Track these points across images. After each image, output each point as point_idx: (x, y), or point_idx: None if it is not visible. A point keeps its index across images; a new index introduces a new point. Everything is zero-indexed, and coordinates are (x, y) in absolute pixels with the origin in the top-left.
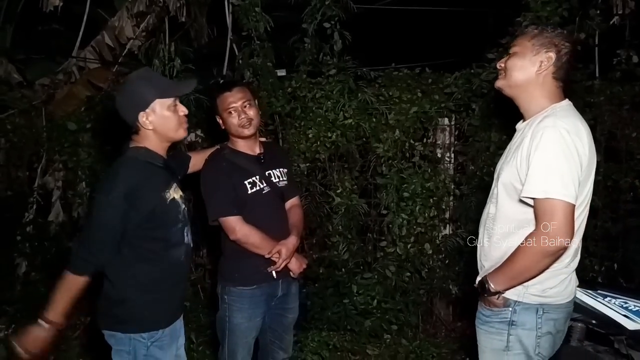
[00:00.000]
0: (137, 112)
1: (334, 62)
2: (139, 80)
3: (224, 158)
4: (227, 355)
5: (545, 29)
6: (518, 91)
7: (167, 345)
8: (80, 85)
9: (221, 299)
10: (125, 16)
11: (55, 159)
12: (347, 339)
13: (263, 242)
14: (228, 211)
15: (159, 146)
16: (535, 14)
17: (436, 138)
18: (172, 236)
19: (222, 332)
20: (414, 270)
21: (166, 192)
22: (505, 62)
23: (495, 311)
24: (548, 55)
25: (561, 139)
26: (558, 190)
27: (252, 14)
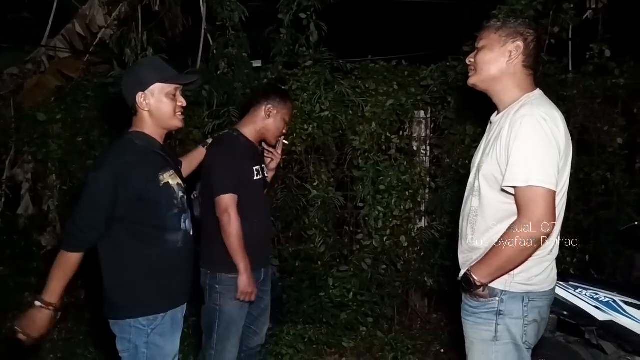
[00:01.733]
0: (136, 92)
1: (310, 54)
2: (146, 64)
3: (238, 141)
4: (215, 344)
5: (507, 20)
6: (492, 84)
7: (168, 332)
8: (50, 75)
9: (210, 289)
10: (97, 4)
11: (24, 151)
12: (322, 332)
13: (238, 239)
14: (231, 189)
15: (155, 132)
16: (511, 7)
17: (412, 131)
18: (168, 221)
19: (211, 322)
20: (390, 263)
21: (160, 175)
22: (475, 57)
23: (482, 302)
24: (516, 45)
25: (539, 126)
26: (539, 178)
27: (227, 4)
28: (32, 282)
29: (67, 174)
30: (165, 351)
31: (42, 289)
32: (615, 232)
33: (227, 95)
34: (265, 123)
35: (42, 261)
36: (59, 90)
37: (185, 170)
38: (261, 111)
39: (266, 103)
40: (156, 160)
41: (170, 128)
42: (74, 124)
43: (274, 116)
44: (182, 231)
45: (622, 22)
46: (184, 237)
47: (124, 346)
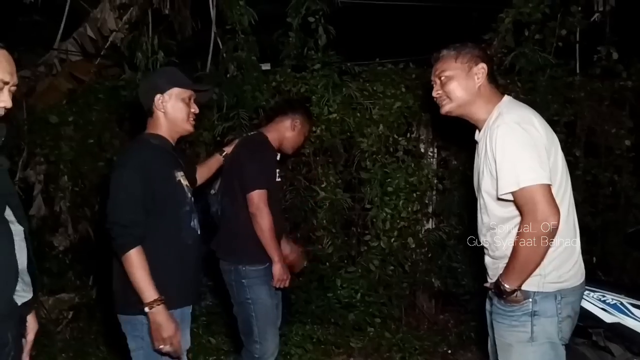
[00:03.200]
0: (154, 95)
1: (318, 57)
2: (164, 72)
3: (268, 143)
4: (258, 337)
5: (458, 47)
6: (467, 107)
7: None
8: (61, 78)
9: (238, 285)
10: (108, 8)
11: (36, 153)
12: (330, 332)
13: (271, 232)
14: (263, 185)
15: (168, 135)
16: (518, 10)
17: (420, 133)
18: (180, 218)
19: (248, 317)
20: (397, 264)
21: (174, 172)
22: (442, 88)
23: (517, 305)
24: (480, 67)
25: (512, 131)
26: (528, 177)
27: (236, 7)
28: (45, 282)
29: (78, 175)
30: None
31: (58, 289)
32: (623, 234)
33: (236, 98)
34: (288, 134)
35: (54, 261)
36: (71, 92)
37: (203, 176)
38: (287, 122)
39: (293, 116)
40: (170, 158)
41: (182, 132)
42: (86, 126)
43: (298, 130)
44: (191, 229)
45: (629, 24)
46: (193, 236)
47: (137, 344)
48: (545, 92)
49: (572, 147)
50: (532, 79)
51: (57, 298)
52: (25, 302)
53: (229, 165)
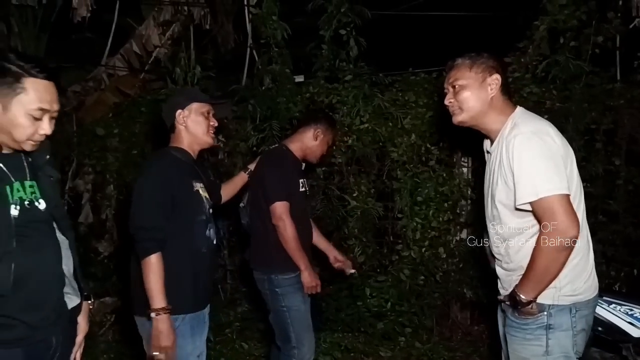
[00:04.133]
0: (176, 110)
1: (350, 68)
2: (184, 91)
3: (290, 155)
4: (295, 343)
5: (474, 56)
6: (479, 118)
7: (188, 333)
8: (108, 92)
9: (272, 293)
10: (152, 25)
11: (85, 163)
12: (360, 340)
13: (295, 242)
14: (284, 197)
15: (190, 148)
16: (553, 17)
17: (452, 142)
18: (196, 226)
19: (284, 323)
20: (429, 274)
21: (192, 182)
22: (455, 97)
23: (531, 318)
24: (494, 78)
25: (529, 141)
26: (546, 187)
27: (270, 22)
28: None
29: (123, 184)
30: (186, 350)
31: (102, 292)
32: None
33: (270, 110)
34: (311, 144)
35: (99, 266)
36: (117, 106)
37: (228, 193)
38: (310, 132)
39: (315, 126)
40: (189, 170)
41: (203, 144)
42: (130, 137)
43: (320, 140)
44: (206, 238)
45: None
46: (208, 244)
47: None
48: (581, 100)
49: (612, 155)
50: (568, 87)
51: (101, 301)
52: (74, 307)
53: (253, 178)
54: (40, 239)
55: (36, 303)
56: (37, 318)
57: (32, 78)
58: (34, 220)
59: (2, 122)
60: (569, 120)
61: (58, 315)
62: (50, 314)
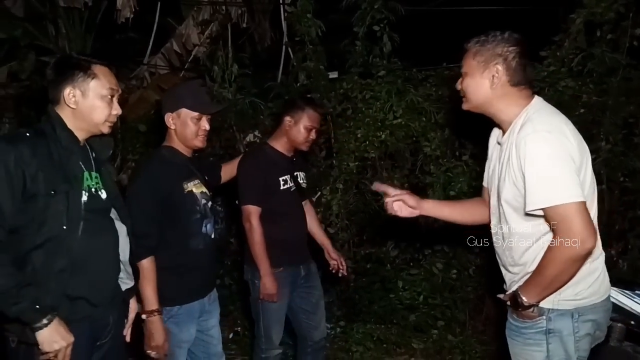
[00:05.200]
0: (165, 112)
1: (383, 64)
2: (182, 89)
3: (264, 153)
4: (263, 331)
5: (485, 41)
6: (484, 109)
7: (183, 322)
8: (150, 90)
9: (252, 283)
10: (192, 24)
11: (128, 158)
12: (392, 332)
13: (259, 246)
14: (252, 200)
15: (181, 147)
16: (590, 10)
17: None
18: (190, 225)
19: (257, 312)
20: (461, 268)
21: (184, 184)
22: (461, 84)
23: (529, 322)
24: (496, 69)
25: (544, 141)
26: (562, 195)
27: (305, 20)
28: None
29: None
30: (180, 337)
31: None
32: None
33: None
34: (288, 134)
35: None
36: (158, 103)
37: (226, 175)
38: (283, 123)
39: (285, 116)
40: (181, 170)
41: (191, 147)
42: None
43: (294, 127)
44: (202, 234)
45: None
46: (204, 240)
47: None
48: (619, 94)
49: None
50: (605, 81)
51: None
52: (128, 289)
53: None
54: (102, 225)
55: (97, 283)
56: (98, 297)
57: (98, 65)
58: (98, 208)
59: (82, 108)
60: (606, 114)
61: (114, 296)
62: (108, 295)
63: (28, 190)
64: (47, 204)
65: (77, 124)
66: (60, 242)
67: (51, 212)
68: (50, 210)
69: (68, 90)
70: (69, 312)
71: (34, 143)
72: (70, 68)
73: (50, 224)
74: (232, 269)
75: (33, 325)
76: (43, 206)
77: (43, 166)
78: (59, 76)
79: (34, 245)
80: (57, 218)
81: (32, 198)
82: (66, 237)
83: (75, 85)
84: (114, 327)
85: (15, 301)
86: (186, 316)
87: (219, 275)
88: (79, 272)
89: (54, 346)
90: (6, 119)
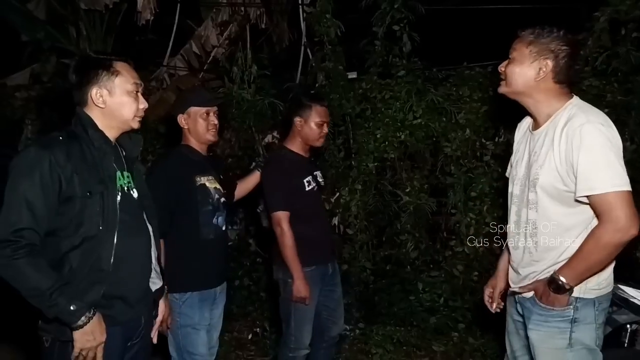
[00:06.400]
0: (177, 115)
1: (402, 64)
2: (187, 92)
3: (286, 158)
4: (293, 330)
5: (541, 34)
6: (520, 97)
7: (197, 306)
8: (170, 91)
9: (284, 283)
10: (211, 25)
11: (148, 159)
12: (412, 334)
13: (290, 250)
14: (280, 206)
15: (197, 145)
16: (614, 8)
17: (509, 137)
18: (201, 216)
19: (288, 312)
20: (483, 270)
21: (196, 177)
22: (505, 67)
23: (556, 311)
24: (545, 63)
25: (600, 133)
26: (615, 182)
27: (324, 20)
28: None
29: None
30: (195, 320)
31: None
32: None
33: None
34: (301, 134)
35: None
36: None
37: (241, 191)
38: (294, 126)
39: (294, 117)
40: (195, 165)
41: (206, 142)
42: None
43: (305, 125)
44: (213, 225)
45: None
46: (215, 231)
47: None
48: None
49: None
50: (630, 80)
51: None
52: (157, 289)
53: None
54: (136, 224)
55: (132, 283)
56: (133, 297)
57: (120, 62)
58: (131, 207)
59: (111, 106)
60: (631, 114)
61: (146, 295)
62: (141, 295)
63: (64, 193)
64: (84, 205)
65: (108, 123)
66: (97, 242)
67: (87, 213)
68: (86, 211)
69: (95, 91)
70: (106, 312)
71: (67, 146)
72: (93, 68)
73: (87, 225)
74: (251, 269)
75: (71, 325)
76: (80, 208)
77: (78, 168)
78: (83, 78)
79: (72, 246)
80: (93, 219)
81: (68, 200)
82: (102, 237)
83: (101, 85)
84: (145, 327)
85: (53, 302)
86: (199, 301)
87: (238, 276)
88: (115, 272)
89: (86, 345)
90: (28, 120)
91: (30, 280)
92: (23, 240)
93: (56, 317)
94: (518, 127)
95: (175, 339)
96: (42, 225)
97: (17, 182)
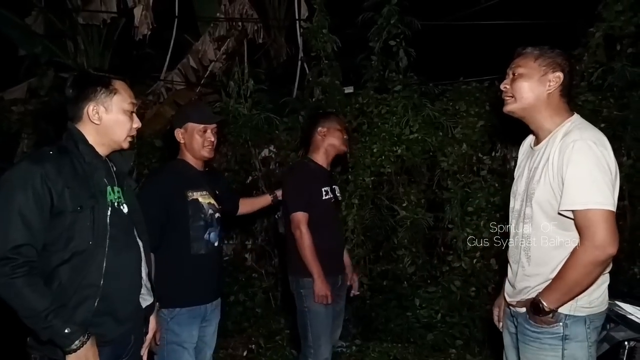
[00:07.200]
0: (174, 129)
1: (399, 79)
2: (187, 106)
3: (308, 166)
4: (312, 342)
5: (544, 50)
6: (530, 112)
7: (185, 323)
8: (167, 105)
9: (298, 294)
10: (208, 40)
11: (144, 174)
12: (409, 351)
13: (309, 250)
14: (301, 207)
15: (192, 160)
16: (609, 24)
17: (505, 151)
18: (193, 231)
19: (304, 323)
20: (480, 286)
21: (188, 192)
22: (511, 84)
23: (546, 327)
24: (556, 75)
25: (590, 150)
26: (598, 200)
27: (320, 36)
28: None
29: None
30: (181, 338)
31: None
32: None
33: None
34: (326, 143)
35: None
36: None
37: (246, 208)
38: (317, 136)
39: (317, 128)
40: (188, 180)
41: (200, 158)
42: None
43: (329, 134)
44: (204, 241)
45: None
46: (206, 246)
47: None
48: (639, 109)
49: None
50: (626, 95)
51: None
52: (148, 305)
53: (282, 191)
54: (125, 240)
55: (122, 299)
56: (123, 313)
57: (117, 80)
58: (121, 222)
59: (106, 123)
60: (627, 129)
61: (136, 312)
62: (132, 311)
63: (55, 208)
64: (74, 219)
65: (100, 140)
66: (86, 257)
67: (78, 227)
68: (77, 225)
69: (92, 107)
70: (95, 329)
71: (58, 161)
72: (91, 85)
73: (77, 239)
74: (246, 285)
75: (65, 349)
76: (70, 222)
77: (69, 183)
78: (80, 93)
79: (62, 261)
80: (84, 233)
81: (59, 215)
82: (92, 252)
83: (98, 102)
84: (135, 345)
85: (48, 324)
86: (188, 318)
87: (233, 292)
88: (105, 288)
89: None
90: (25, 134)
91: (27, 300)
92: (21, 258)
93: (50, 339)
94: (522, 143)
95: (160, 355)
96: (39, 240)
97: (10, 197)
